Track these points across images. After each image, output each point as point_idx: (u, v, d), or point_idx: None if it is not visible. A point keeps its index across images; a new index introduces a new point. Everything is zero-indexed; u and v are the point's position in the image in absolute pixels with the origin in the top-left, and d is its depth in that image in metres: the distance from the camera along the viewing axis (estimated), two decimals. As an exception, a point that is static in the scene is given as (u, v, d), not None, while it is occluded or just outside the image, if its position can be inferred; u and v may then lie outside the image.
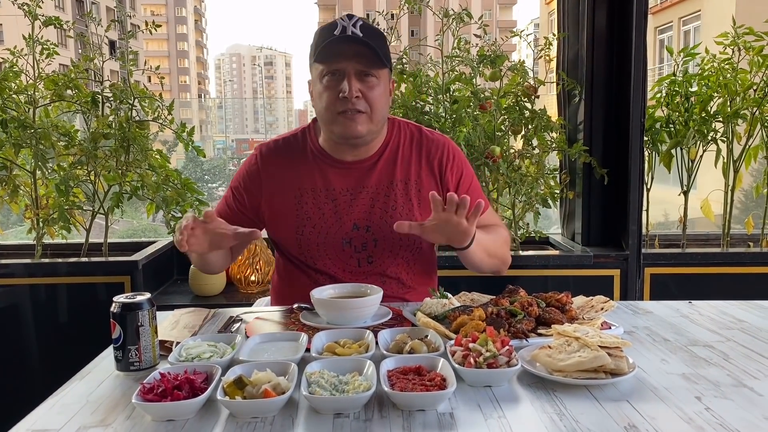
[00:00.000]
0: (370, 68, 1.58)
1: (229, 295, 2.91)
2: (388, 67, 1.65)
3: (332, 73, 1.58)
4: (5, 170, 2.77)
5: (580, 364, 1.12)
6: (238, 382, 1.06)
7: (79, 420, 1.04)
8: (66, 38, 3.07)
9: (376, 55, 1.57)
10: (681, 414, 1.02)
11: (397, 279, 1.72)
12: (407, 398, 1.03)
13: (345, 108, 1.57)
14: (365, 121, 1.60)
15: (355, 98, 1.56)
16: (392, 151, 1.72)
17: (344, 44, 1.56)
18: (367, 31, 1.57)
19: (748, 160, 2.98)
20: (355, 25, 1.56)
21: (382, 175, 1.69)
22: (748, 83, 2.90)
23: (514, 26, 37.20)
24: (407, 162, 1.71)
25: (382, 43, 1.62)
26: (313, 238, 1.68)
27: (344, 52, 1.56)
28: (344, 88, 1.55)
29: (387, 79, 1.65)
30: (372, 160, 1.70)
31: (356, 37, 1.55)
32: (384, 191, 1.68)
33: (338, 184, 1.69)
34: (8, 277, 2.63)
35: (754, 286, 2.78)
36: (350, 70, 1.56)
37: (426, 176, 1.71)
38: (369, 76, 1.58)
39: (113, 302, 1.25)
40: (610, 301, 1.49)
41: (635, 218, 2.74)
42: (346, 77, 1.56)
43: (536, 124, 2.83)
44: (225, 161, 12.21)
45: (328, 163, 1.71)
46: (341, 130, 1.61)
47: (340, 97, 1.56)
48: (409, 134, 1.75)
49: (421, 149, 1.73)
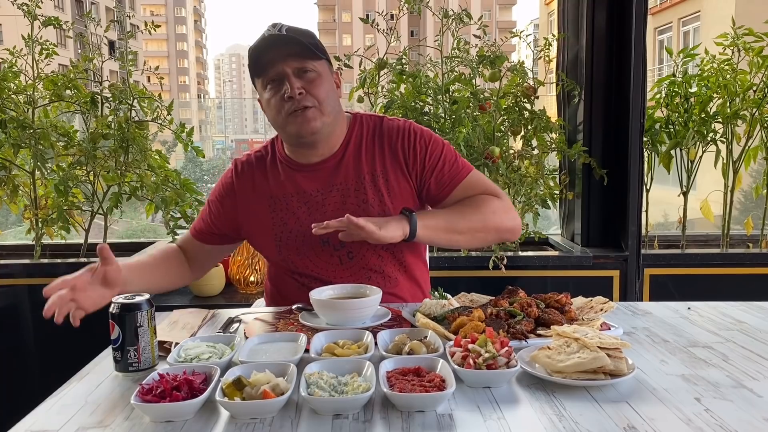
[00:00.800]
0: (305, 62, 1.59)
1: (228, 295, 2.91)
2: (325, 59, 1.65)
3: (272, 81, 1.61)
4: (4, 170, 2.77)
5: (579, 365, 1.12)
6: (237, 383, 1.06)
7: (78, 421, 1.04)
8: (65, 38, 3.08)
9: (308, 48, 1.58)
10: (680, 415, 1.02)
11: (381, 272, 1.71)
12: (406, 399, 1.03)
13: (293, 108, 1.58)
14: (316, 115, 1.60)
15: (299, 95, 1.57)
16: (356, 146, 1.71)
17: (273, 48, 1.58)
18: (292, 31, 1.60)
19: (748, 160, 2.98)
20: (281, 29, 1.59)
21: (349, 170, 1.69)
22: (747, 84, 2.90)
23: (514, 27, 37.23)
24: (371, 154, 1.70)
25: (311, 37, 1.62)
26: (291, 243, 1.69)
27: (276, 56, 1.58)
28: (286, 89, 1.57)
29: (328, 71, 1.65)
30: (337, 157, 1.70)
31: (282, 37, 1.58)
32: (353, 186, 1.68)
33: (308, 186, 1.70)
34: (7, 278, 2.63)
35: (754, 287, 2.78)
36: (287, 70, 1.58)
37: (391, 165, 1.70)
38: (306, 71, 1.59)
39: (112, 303, 1.25)
40: (609, 302, 1.48)
41: (635, 219, 2.74)
42: (285, 78, 1.58)
43: (536, 125, 2.83)
44: (224, 161, 12.20)
45: (295, 168, 1.72)
46: (296, 130, 1.61)
47: (285, 99, 1.58)
48: (372, 126, 1.74)
49: (383, 138, 1.72)
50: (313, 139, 1.64)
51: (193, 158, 6.04)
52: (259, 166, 1.77)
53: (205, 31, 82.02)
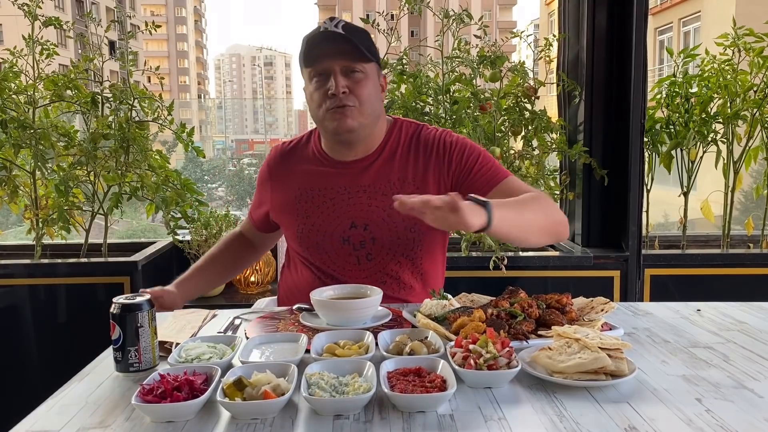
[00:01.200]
0: (354, 63, 1.60)
1: (228, 296, 2.91)
2: (375, 62, 1.66)
3: (319, 74, 1.62)
4: (5, 170, 2.77)
5: (580, 366, 1.12)
6: (237, 383, 1.05)
7: (79, 421, 1.04)
8: (66, 38, 3.08)
9: (359, 49, 1.59)
10: (681, 415, 1.02)
11: (397, 278, 1.71)
12: (407, 400, 1.03)
13: (334, 105, 1.60)
14: (355, 114, 1.61)
15: (342, 94, 1.59)
16: (391, 151, 1.72)
17: (326, 44, 1.59)
18: (348, 29, 1.61)
19: (748, 161, 2.98)
20: (337, 25, 1.60)
21: (380, 174, 1.70)
22: (748, 84, 2.90)
23: (514, 27, 37.26)
24: (405, 160, 1.71)
25: (365, 39, 1.64)
26: (312, 236, 1.71)
27: (327, 52, 1.59)
28: (331, 86, 1.59)
29: (375, 74, 1.67)
30: (370, 159, 1.71)
31: (337, 35, 1.59)
32: (381, 190, 1.68)
33: (336, 183, 1.71)
34: (7, 278, 2.63)
35: (755, 287, 2.78)
36: (335, 67, 1.59)
37: (425, 172, 1.69)
38: (354, 71, 1.60)
39: (113, 303, 1.24)
40: (610, 302, 1.48)
41: (635, 219, 2.74)
42: (332, 75, 1.59)
43: (536, 125, 2.83)
44: (224, 161, 12.21)
45: (327, 164, 1.74)
46: (333, 126, 1.63)
47: (328, 95, 1.60)
48: (410, 133, 1.75)
49: (419, 146, 1.72)
50: (349, 138, 1.66)
51: (194, 158, 6.05)
52: (293, 156, 1.81)
53: (205, 32, 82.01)
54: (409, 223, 1.66)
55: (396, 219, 1.66)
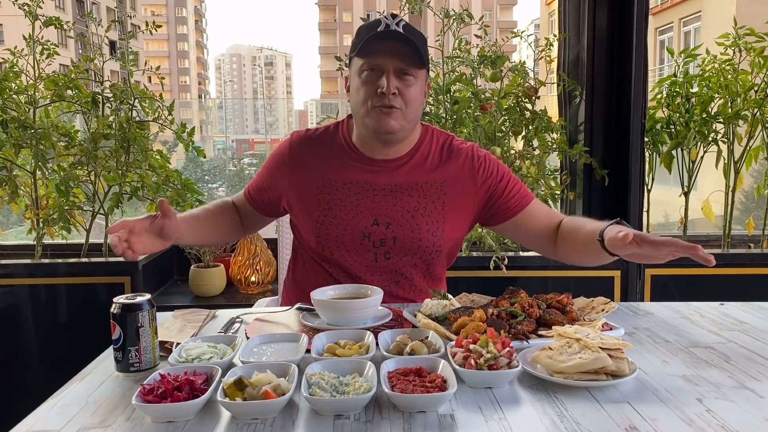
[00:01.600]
0: (410, 67, 1.60)
1: (229, 295, 2.92)
2: (426, 68, 1.66)
3: (371, 69, 1.60)
4: (5, 170, 2.77)
5: (581, 366, 1.12)
6: (238, 383, 1.05)
7: (79, 421, 1.04)
8: (66, 38, 3.08)
9: (417, 54, 1.59)
10: (682, 415, 1.02)
11: (410, 280, 1.72)
12: (408, 400, 1.03)
13: (381, 103, 1.59)
14: (399, 117, 1.61)
15: (392, 95, 1.58)
16: (422, 156, 1.72)
17: (386, 41, 1.58)
18: (408, 31, 1.60)
19: (749, 161, 2.98)
20: (398, 24, 1.59)
21: (410, 176, 1.70)
22: (748, 84, 2.90)
23: (515, 27, 37.24)
24: (436, 166, 1.72)
25: (423, 44, 1.64)
26: (332, 229, 1.68)
27: (385, 48, 1.58)
28: (382, 84, 1.57)
29: (424, 80, 1.67)
30: (401, 161, 1.71)
31: (398, 34, 1.58)
32: (408, 191, 1.69)
33: (363, 178, 1.70)
34: (8, 278, 2.63)
35: (755, 287, 2.78)
36: (389, 66, 1.58)
37: (456, 179, 1.71)
38: (407, 74, 1.60)
39: (113, 303, 1.24)
40: (610, 302, 1.48)
41: (636, 219, 2.74)
42: (385, 74, 1.58)
43: (537, 125, 2.83)
44: (225, 161, 12.20)
45: (356, 158, 1.72)
46: (375, 125, 1.62)
47: (377, 93, 1.58)
48: (440, 142, 1.76)
49: (452, 154, 1.74)
50: (387, 139, 1.66)
51: (194, 158, 6.04)
52: (318, 144, 1.76)
53: (205, 32, 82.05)
54: (432, 227, 1.67)
55: (420, 221, 1.67)
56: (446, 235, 1.70)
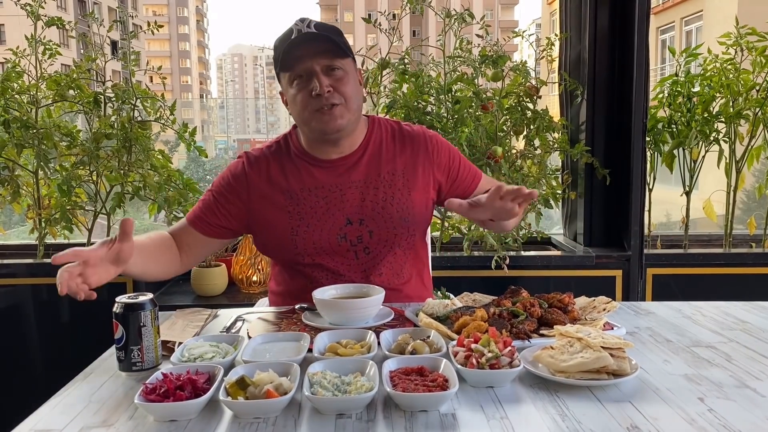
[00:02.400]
0: (334, 60, 1.60)
1: (231, 295, 2.91)
2: (351, 57, 1.66)
3: (300, 76, 1.61)
4: (8, 170, 2.78)
5: (582, 365, 1.12)
6: (240, 382, 1.06)
7: (82, 420, 1.04)
8: (68, 38, 3.08)
9: (336, 46, 1.59)
10: (683, 415, 1.02)
11: (393, 266, 1.73)
12: (409, 399, 1.03)
13: (320, 105, 1.59)
14: (342, 112, 1.61)
15: (327, 93, 1.58)
16: (375, 146, 1.74)
17: (303, 45, 1.59)
18: (321, 28, 1.61)
19: (751, 160, 2.98)
20: (309, 25, 1.60)
21: (369, 169, 1.71)
22: (750, 83, 2.90)
23: (516, 26, 37.18)
24: (392, 154, 1.74)
25: (339, 35, 1.64)
26: (308, 237, 1.68)
27: (305, 53, 1.59)
28: (315, 86, 1.58)
29: (353, 69, 1.67)
30: (356, 156, 1.72)
31: (312, 35, 1.59)
32: (373, 184, 1.70)
33: (327, 181, 1.70)
34: (10, 278, 2.64)
35: (757, 286, 2.78)
36: (316, 67, 1.59)
37: (414, 163, 1.74)
38: (334, 69, 1.60)
39: (115, 302, 1.25)
40: (612, 301, 1.48)
41: (637, 219, 2.73)
42: (314, 76, 1.59)
43: (538, 125, 2.83)
44: (227, 161, 12.20)
45: (313, 163, 1.72)
46: (321, 127, 1.62)
47: (313, 96, 1.59)
48: (390, 130, 1.78)
49: (405, 140, 1.76)
50: (338, 136, 1.66)
51: (196, 158, 6.05)
52: (275, 159, 1.75)
53: (207, 31, 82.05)
54: (403, 213, 1.70)
55: (390, 210, 1.69)
56: (417, 218, 1.73)
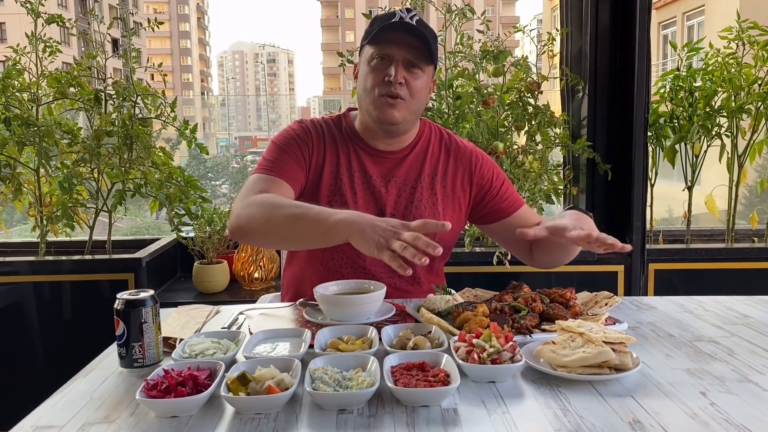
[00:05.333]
0: (419, 60, 1.61)
1: (232, 291, 2.92)
2: (434, 65, 1.67)
3: (381, 57, 1.61)
4: (9, 168, 2.78)
5: (584, 360, 1.12)
6: (241, 378, 1.06)
7: (83, 416, 1.04)
8: (69, 36, 3.08)
9: (427, 48, 1.60)
10: (686, 409, 1.02)
11: (413, 276, 1.71)
12: (411, 394, 1.03)
13: (387, 91, 1.60)
14: (403, 108, 1.62)
15: (398, 84, 1.59)
16: (423, 147, 1.75)
17: (399, 32, 1.59)
18: (422, 26, 1.61)
19: (753, 155, 2.97)
20: (412, 18, 1.60)
21: (412, 167, 1.72)
22: (752, 78, 2.89)
23: (517, 22, 37.12)
24: (436, 158, 1.75)
25: (434, 41, 1.65)
26: None
27: (397, 39, 1.59)
28: (390, 72, 1.58)
29: (430, 77, 1.68)
30: (404, 152, 1.73)
31: (411, 27, 1.59)
32: (411, 183, 1.71)
33: (372, 169, 1.71)
34: (12, 275, 2.64)
35: (759, 281, 2.78)
36: (399, 57, 1.60)
37: (455, 173, 1.75)
38: (415, 67, 1.61)
39: (117, 299, 1.24)
40: (614, 296, 1.48)
41: (639, 214, 2.73)
42: (394, 63, 1.59)
43: (539, 120, 2.82)
44: (228, 158, 12.23)
45: (363, 147, 1.72)
46: (379, 114, 1.63)
47: (384, 80, 1.59)
48: (438, 134, 1.79)
49: (451, 148, 1.77)
50: (389, 129, 1.67)
51: (197, 155, 6.06)
52: (328, 131, 1.74)
53: (208, 29, 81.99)
54: (432, 217, 1.68)
55: (422, 210, 1.69)
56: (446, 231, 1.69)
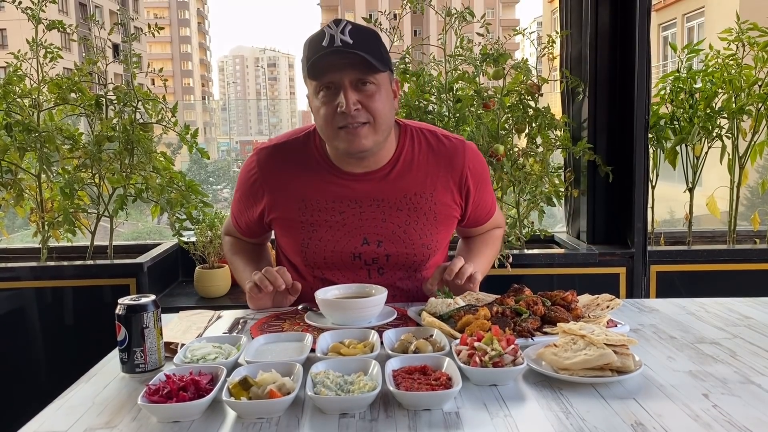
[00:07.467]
0: (366, 75, 1.46)
1: (233, 296, 2.91)
2: (388, 69, 1.52)
3: (327, 87, 1.47)
4: (10, 174, 2.78)
5: (586, 362, 1.12)
6: (243, 382, 1.06)
7: (86, 422, 1.04)
8: (69, 42, 3.08)
9: (373, 58, 1.45)
10: (688, 411, 1.02)
11: (407, 291, 1.70)
12: (413, 398, 1.03)
13: (345, 123, 1.46)
14: (369, 132, 1.48)
15: (354, 111, 1.45)
16: (406, 162, 1.60)
17: (333, 56, 1.43)
18: (357, 37, 1.45)
19: (754, 156, 2.97)
20: (344, 31, 1.44)
21: (396, 187, 1.59)
22: (752, 79, 2.89)
23: (517, 25, 37.15)
24: (423, 172, 1.60)
25: (376, 46, 1.49)
26: (319, 250, 1.60)
27: (335, 63, 1.44)
28: (342, 102, 1.44)
29: (388, 82, 1.53)
30: (384, 171, 1.59)
31: (345, 49, 1.43)
32: (397, 205, 1.59)
33: (345, 195, 1.58)
34: (14, 281, 2.64)
35: (761, 282, 2.77)
36: (345, 81, 1.45)
37: (443, 187, 1.62)
38: (366, 83, 1.47)
39: (118, 304, 1.25)
40: (615, 299, 1.48)
41: (640, 216, 2.73)
42: (342, 90, 1.45)
43: (540, 122, 2.82)
44: (229, 163, 12.24)
45: (335, 174, 1.59)
46: (345, 146, 1.49)
47: (338, 112, 1.45)
48: (425, 142, 1.63)
49: (440, 158, 1.62)
50: (362, 156, 1.54)
51: (198, 160, 6.07)
52: (290, 158, 1.61)
53: (208, 34, 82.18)
54: (425, 240, 1.63)
55: (413, 236, 1.61)
56: (439, 244, 1.67)
